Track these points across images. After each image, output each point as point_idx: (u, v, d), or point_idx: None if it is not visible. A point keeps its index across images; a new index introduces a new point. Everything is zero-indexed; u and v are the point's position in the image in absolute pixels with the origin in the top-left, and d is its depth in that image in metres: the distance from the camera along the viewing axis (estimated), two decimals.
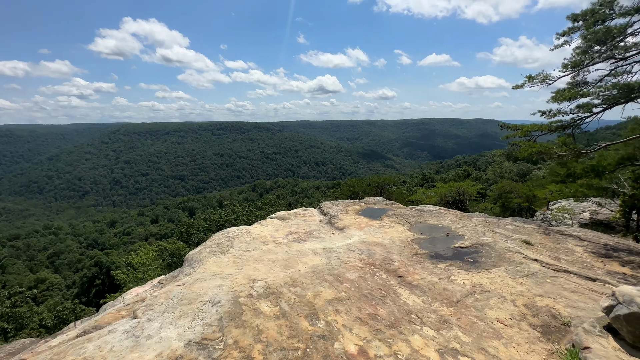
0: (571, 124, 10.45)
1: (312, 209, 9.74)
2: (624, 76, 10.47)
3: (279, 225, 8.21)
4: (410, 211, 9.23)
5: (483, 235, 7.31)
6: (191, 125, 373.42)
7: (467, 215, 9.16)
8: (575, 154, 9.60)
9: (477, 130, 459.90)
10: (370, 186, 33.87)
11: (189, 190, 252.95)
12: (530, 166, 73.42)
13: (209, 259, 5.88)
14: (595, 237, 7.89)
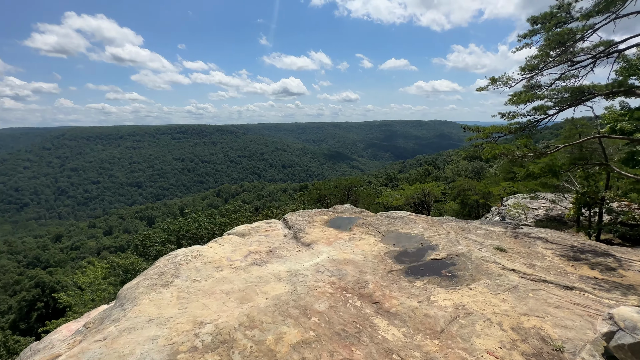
0: (528, 126, 10.65)
1: (275, 221, 8.83)
2: (571, 80, 10.91)
3: (237, 244, 7.21)
4: (380, 219, 8.70)
5: (457, 244, 6.94)
6: (148, 128, 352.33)
7: (438, 221, 8.85)
8: (536, 155, 9.72)
9: (435, 131, 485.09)
10: (337, 189, 33.53)
11: (147, 198, 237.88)
12: (483, 164, 78.47)
13: (147, 295, 4.78)
14: (561, 239, 7.89)
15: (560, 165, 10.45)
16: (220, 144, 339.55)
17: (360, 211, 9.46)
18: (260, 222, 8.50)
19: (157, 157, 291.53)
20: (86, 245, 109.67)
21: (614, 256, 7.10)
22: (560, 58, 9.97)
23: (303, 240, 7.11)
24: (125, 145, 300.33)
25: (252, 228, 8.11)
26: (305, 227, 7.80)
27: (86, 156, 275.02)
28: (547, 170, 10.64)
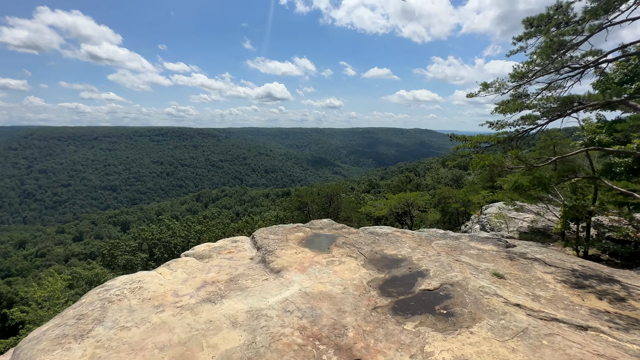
0: (517, 136, 10.04)
1: (243, 239, 7.62)
2: (557, 90, 10.44)
3: (193, 269, 5.97)
4: (363, 237, 7.69)
5: (450, 269, 6.02)
6: (125, 130, 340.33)
7: (427, 238, 7.95)
8: (528, 168, 9.06)
9: (416, 139, 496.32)
10: (319, 196, 32.47)
11: (123, 202, 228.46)
12: (461, 172, 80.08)
13: (49, 354, 3.49)
14: (559, 261, 7.16)
15: (549, 178, 9.85)
16: (201, 147, 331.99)
17: (341, 227, 8.41)
18: (225, 241, 7.28)
19: (134, 160, 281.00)
20: (53, 252, 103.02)
21: (620, 282, 6.41)
22: (551, 66, 9.45)
23: (272, 266, 5.96)
24: (100, 146, 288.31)
25: (214, 248, 6.87)
26: (277, 248, 6.66)
27: (57, 157, 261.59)
28: (537, 183, 10.00)
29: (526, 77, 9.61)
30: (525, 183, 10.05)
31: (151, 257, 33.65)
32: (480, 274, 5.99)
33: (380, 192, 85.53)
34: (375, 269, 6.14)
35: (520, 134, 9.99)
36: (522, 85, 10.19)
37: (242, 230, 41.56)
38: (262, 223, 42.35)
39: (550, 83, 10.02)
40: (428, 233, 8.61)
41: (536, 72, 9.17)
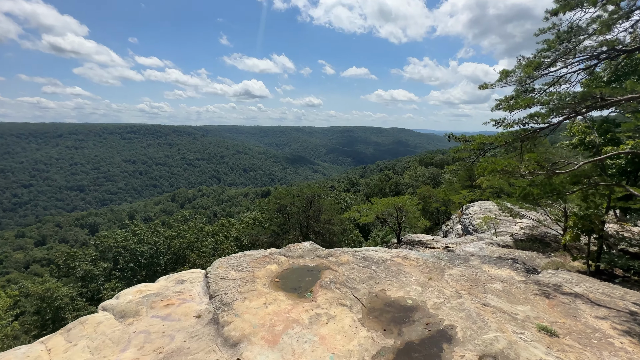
0: (526, 136, 8.51)
1: (195, 276, 5.47)
2: (562, 85, 9.02)
3: (104, 340, 3.83)
4: (356, 268, 5.80)
5: (483, 325, 4.24)
6: (93, 127, 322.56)
7: (434, 266, 6.21)
8: (548, 175, 7.48)
9: (393, 138, 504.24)
10: (298, 197, 30.49)
11: (91, 204, 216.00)
12: (438, 170, 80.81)
13: None
14: (607, 297, 5.61)
15: (565, 184, 8.34)
16: (176, 145, 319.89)
17: (327, 254, 6.43)
18: (167, 281, 5.15)
19: (104, 159, 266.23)
20: (11, 258, 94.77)
21: None
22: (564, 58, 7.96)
23: (227, 332, 3.92)
24: (66, 144, 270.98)
25: (147, 297, 4.72)
26: (238, 295, 4.60)
27: (16, 156, 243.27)
28: (550, 191, 8.46)
29: (541, 67, 8.04)
30: (536, 191, 8.47)
31: (115, 266, 30.37)
32: (524, 330, 4.26)
33: (360, 190, 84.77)
34: (379, 326, 4.26)
35: (529, 133, 8.47)
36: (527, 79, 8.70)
37: (217, 234, 38.77)
38: (239, 226, 39.69)
39: (560, 77, 8.56)
40: (432, 256, 6.88)
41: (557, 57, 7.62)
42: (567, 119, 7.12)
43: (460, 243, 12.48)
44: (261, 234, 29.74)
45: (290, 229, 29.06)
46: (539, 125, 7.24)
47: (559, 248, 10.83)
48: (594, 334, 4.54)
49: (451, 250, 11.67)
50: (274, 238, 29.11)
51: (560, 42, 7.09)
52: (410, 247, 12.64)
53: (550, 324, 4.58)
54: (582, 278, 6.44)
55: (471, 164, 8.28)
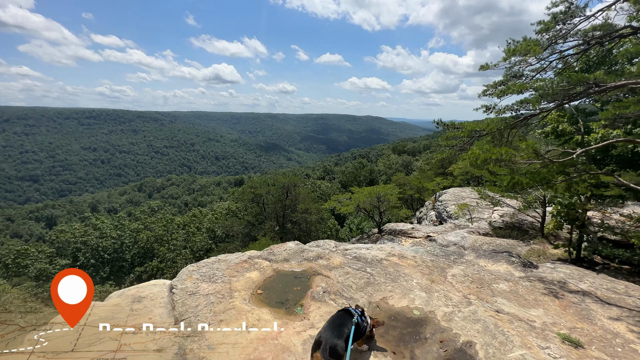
0: (519, 123, 8.31)
1: (157, 290, 4.60)
2: (547, 72, 8.92)
3: None
4: (350, 271, 5.23)
5: (505, 340, 3.81)
6: (46, 111, 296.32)
7: (433, 264, 5.82)
8: (544, 164, 7.32)
9: (367, 126, 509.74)
10: (274, 187, 29.62)
11: (47, 195, 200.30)
12: (411, 158, 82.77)
13: None
14: (614, 294, 5.42)
15: (553, 174, 8.27)
16: (142, 132, 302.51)
17: (316, 256, 5.74)
18: (120, 299, 4.24)
19: (60, 146, 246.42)
20: None
21: None
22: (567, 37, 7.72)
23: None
24: (14, 130, 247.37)
25: (98, 321, 3.86)
26: (212, 317, 3.80)
27: None
28: (540, 180, 8.36)
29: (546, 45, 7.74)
30: (525, 181, 8.33)
31: (75, 263, 28.09)
32: (548, 342, 3.90)
33: (335, 178, 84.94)
34: (388, 348, 3.73)
35: (519, 120, 8.26)
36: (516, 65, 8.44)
37: (188, 225, 37.03)
38: (211, 216, 38.15)
39: (550, 62, 8.38)
40: (427, 252, 6.51)
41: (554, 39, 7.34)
42: (559, 106, 6.88)
43: (441, 232, 12.40)
44: (235, 224, 28.69)
45: (266, 219, 28.24)
46: (530, 112, 6.96)
47: (537, 235, 10.98)
48: (615, 339, 4.33)
49: (433, 239, 11.54)
50: (249, 229, 28.19)
51: (556, 23, 6.79)
52: (392, 237, 12.39)
53: (570, 331, 4.30)
54: (582, 272, 6.34)
55: (461, 151, 7.93)
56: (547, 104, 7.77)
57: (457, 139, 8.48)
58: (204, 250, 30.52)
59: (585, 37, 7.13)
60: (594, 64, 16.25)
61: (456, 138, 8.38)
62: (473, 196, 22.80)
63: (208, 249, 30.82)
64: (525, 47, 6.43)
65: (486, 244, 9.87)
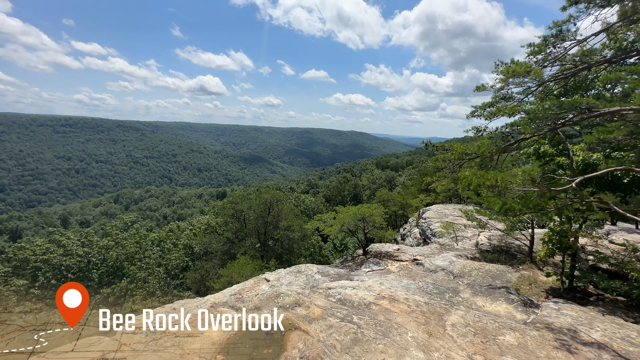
0: (510, 146, 8.03)
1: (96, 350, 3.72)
2: (529, 96, 8.84)
3: None
4: (334, 326, 4.53)
5: None
6: (18, 117, 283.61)
7: (431, 311, 5.23)
8: (541, 192, 6.95)
9: (351, 140, 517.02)
10: (256, 202, 28.63)
11: (14, 205, 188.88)
12: (394, 173, 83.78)
13: None
14: (631, 346, 4.96)
15: (546, 200, 7.98)
16: (121, 141, 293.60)
17: (293, 303, 4.88)
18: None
19: (32, 154, 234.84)
20: None
21: None
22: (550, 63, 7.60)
23: None
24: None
25: None
26: None
27: None
28: (533, 207, 8.04)
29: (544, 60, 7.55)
30: (517, 207, 7.98)
31: (33, 283, 25.74)
32: None
33: (320, 192, 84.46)
34: None
35: (511, 144, 7.99)
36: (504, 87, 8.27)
37: (164, 241, 35.15)
38: (189, 232, 36.41)
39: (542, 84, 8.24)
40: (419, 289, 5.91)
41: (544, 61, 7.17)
42: (553, 130, 6.62)
43: (428, 255, 11.92)
44: (214, 241, 27.34)
45: (247, 235, 27.09)
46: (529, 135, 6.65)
47: (525, 260, 10.66)
48: None
49: (420, 263, 11.02)
50: (229, 246, 26.91)
51: (546, 46, 6.63)
52: (378, 260, 11.79)
53: None
54: (587, 314, 5.88)
55: (450, 174, 7.53)
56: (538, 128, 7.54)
57: (446, 161, 8.13)
58: (180, 268, 28.85)
59: (573, 61, 7.02)
60: (571, 89, 16.60)
61: (446, 160, 8.03)
62: (456, 214, 22.70)
63: (184, 267, 29.16)
64: (525, 68, 6.16)
65: (475, 270, 9.42)
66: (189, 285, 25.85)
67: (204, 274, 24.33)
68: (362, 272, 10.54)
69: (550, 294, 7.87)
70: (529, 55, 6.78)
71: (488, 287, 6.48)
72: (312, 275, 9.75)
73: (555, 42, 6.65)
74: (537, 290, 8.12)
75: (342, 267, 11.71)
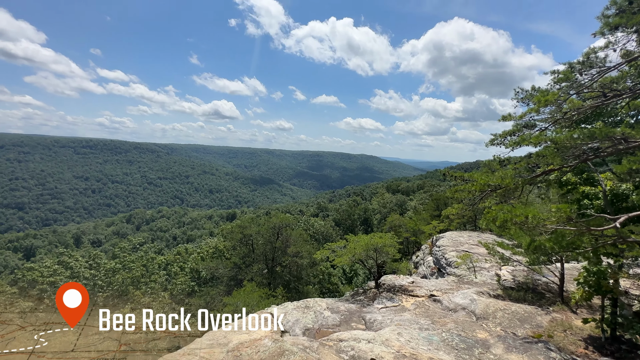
0: (536, 178, 7.44)
1: None
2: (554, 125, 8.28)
3: None
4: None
5: None
6: (42, 139, 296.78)
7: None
8: (580, 231, 6.22)
9: (360, 164, 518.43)
10: (264, 226, 28.09)
11: (31, 223, 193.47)
12: (405, 197, 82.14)
13: None
14: None
15: (582, 238, 7.24)
16: (137, 162, 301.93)
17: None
18: None
19: (52, 174, 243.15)
20: None
21: None
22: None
23: None
24: (6, 156, 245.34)
25: None
26: None
27: None
28: (566, 245, 7.29)
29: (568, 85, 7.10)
30: (549, 245, 7.26)
31: (38, 305, 25.41)
32: None
33: (329, 215, 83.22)
34: None
35: (537, 175, 7.40)
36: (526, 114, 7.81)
37: (171, 264, 34.66)
38: (197, 256, 35.91)
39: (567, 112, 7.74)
40: (444, 342, 5.22)
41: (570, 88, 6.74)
42: (583, 162, 6.07)
43: (446, 290, 11.07)
44: (221, 266, 26.71)
45: (254, 261, 26.40)
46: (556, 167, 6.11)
47: (555, 300, 9.69)
48: None
49: (438, 300, 10.20)
50: (236, 271, 26.20)
51: (572, 73, 6.23)
52: (392, 295, 11.00)
53: None
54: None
55: (471, 206, 6.97)
56: (566, 158, 6.98)
57: (466, 192, 7.60)
58: (185, 293, 28.17)
59: (603, 89, 6.57)
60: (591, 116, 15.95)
61: (465, 191, 7.50)
62: (472, 242, 21.60)
63: (190, 292, 28.47)
64: (556, 97, 5.75)
65: (500, 311, 8.56)
66: (193, 312, 25.06)
67: (209, 300, 23.57)
68: (375, 308, 9.78)
69: (589, 344, 6.96)
70: (554, 83, 6.38)
71: (523, 341, 5.70)
72: (320, 312, 9.06)
73: (583, 69, 6.25)
74: (574, 338, 7.22)
75: (352, 302, 10.95)
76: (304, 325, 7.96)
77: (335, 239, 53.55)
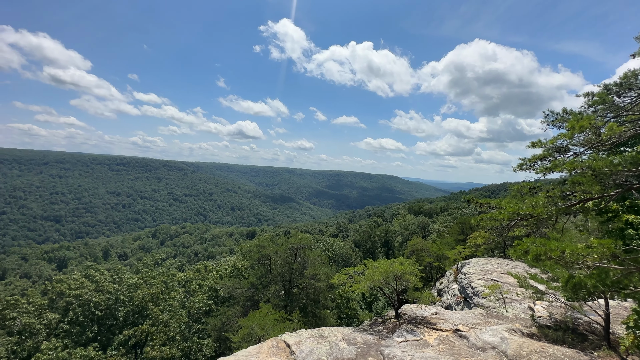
0: (572, 207, 6.80)
1: None
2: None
3: None
4: None
5: None
6: (82, 156, 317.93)
7: None
8: (628, 271, 5.57)
9: (381, 184, 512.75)
10: (282, 246, 27.85)
11: (65, 236, 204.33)
12: (427, 219, 78.95)
13: None
14: None
15: (632, 277, 6.49)
16: (165, 180, 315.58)
17: None
18: None
19: (88, 189, 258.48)
20: None
21: None
22: None
23: None
24: (50, 172, 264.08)
25: None
26: None
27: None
28: (611, 283, 6.55)
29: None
30: (591, 282, 6.54)
31: (64, 318, 26.05)
32: None
33: (349, 236, 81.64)
34: None
35: (573, 204, 6.78)
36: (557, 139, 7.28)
37: (190, 282, 34.91)
38: (215, 274, 36.02)
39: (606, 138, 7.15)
40: None
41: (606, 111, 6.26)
42: (627, 190, 5.50)
43: (473, 325, 10.24)
44: (238, 286, 26.52)
45: (271, 282, 26.04)
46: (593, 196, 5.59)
47: (600, 344, 8.67)
48: None
49: (464, 336, 9.41)
50: (252, 292, 25.90)
51: (608, 95, 5.80)
52: (413, 328, 10.30)
53: None
54: None
55: (499, 235, 6.46)
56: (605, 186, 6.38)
57: (494, 220, 7.08)
58: (202, 312, 28.07)
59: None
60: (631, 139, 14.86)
61: (493, 219, 7.00)
62: (501, 270, 20.22)
63: (207, 311, 28.34)
64: (592, 121, 5.33)
65: (536, 354, 7.74)
66: (209, 332, 24.76)
67: (225, 321, 23.28)
68: (395, 341, 9.16)
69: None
70: (588, 105, 5.95)
71: None
72: (336, 343, 8.58)
73: (620, 91, 5.81)
74: None
75: (370, 332, 10.34)
76: (317, 357, 7.55)
77: (354, 261, 52.01)
